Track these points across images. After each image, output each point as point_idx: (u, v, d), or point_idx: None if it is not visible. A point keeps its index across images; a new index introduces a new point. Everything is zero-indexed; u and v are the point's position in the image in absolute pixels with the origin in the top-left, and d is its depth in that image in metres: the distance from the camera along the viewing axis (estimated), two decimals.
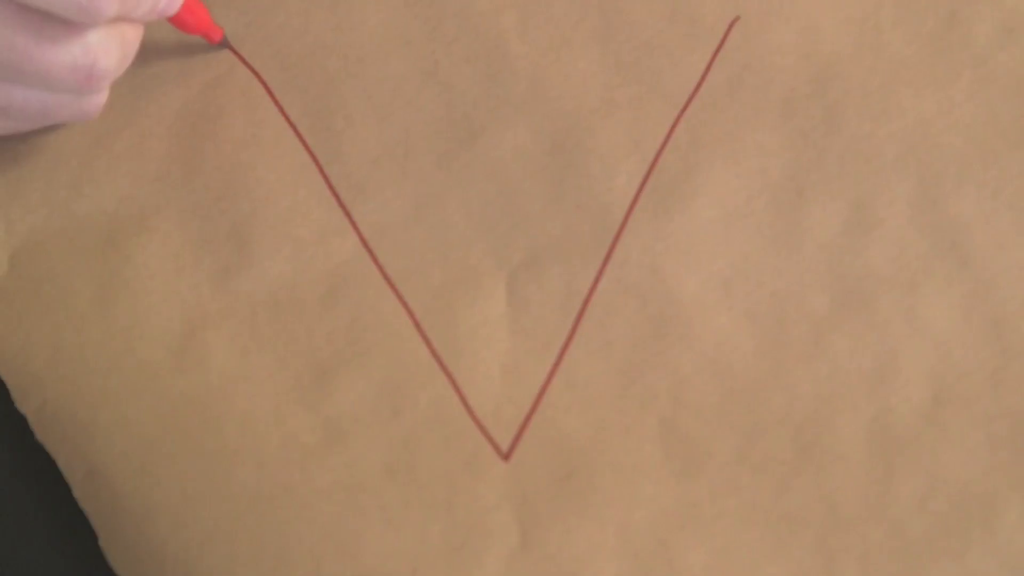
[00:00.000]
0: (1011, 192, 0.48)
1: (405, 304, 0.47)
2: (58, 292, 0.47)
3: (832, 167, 0.48)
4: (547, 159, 0.49)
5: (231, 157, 0.49)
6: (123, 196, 0.49)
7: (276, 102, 0.50)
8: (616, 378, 0.46)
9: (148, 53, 0.50)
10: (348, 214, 0.48)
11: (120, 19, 0.44)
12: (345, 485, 0.44)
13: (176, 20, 0.48)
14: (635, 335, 0.46)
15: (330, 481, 0.44)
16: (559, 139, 0.49)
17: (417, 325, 0.47)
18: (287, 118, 0.50)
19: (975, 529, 0.43)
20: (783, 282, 0.47)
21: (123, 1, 0.42)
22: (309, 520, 0.44)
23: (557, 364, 0.46)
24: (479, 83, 0.50)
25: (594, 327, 0.46)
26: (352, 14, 0.51)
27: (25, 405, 0.46)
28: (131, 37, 0.45)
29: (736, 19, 0.51)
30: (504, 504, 0.44)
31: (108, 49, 0.44)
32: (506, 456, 0.45)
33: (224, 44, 0.51)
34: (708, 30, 0.51)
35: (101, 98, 0.47)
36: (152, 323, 0.47)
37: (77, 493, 0.45)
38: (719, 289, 0.47)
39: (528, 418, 0.45)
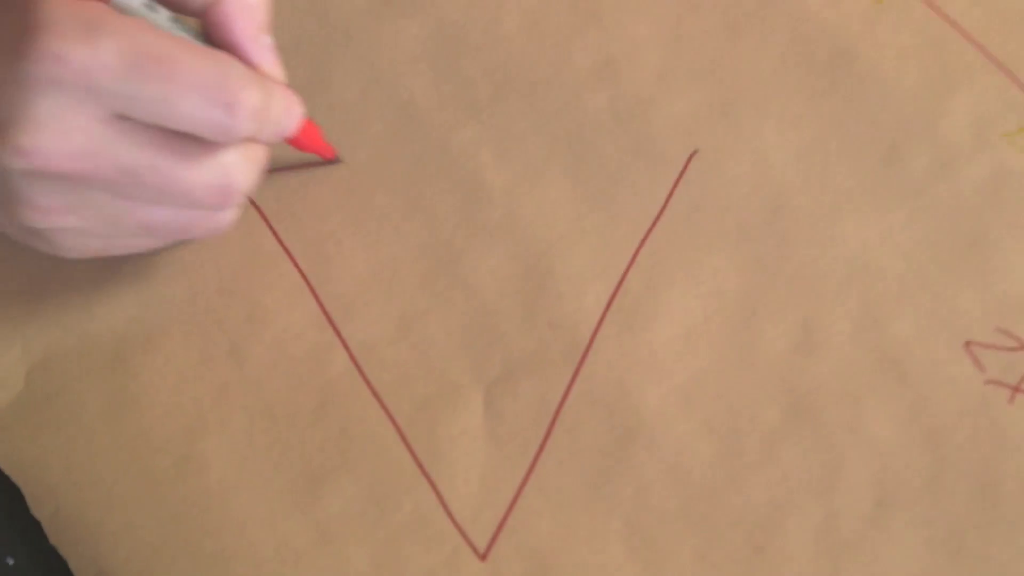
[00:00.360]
0: (945, 313, 0.50)
1: (390, 416, 0.49)
2: (70, 406, 0.49)
3: (783, 289, 0.51)
4: (521, 281, 0.51)
5: (230, 280, 0.51)
6: (130, 317, 0.51)
7: (272, 230, 0.52)
8: (584, 484, 0.48)
9: None
10: (338, 333, 0.51)
11: (248, 139, 0.45)
12: None
13: (293, 140, 0.49)
14: (602, 444, 0.49)
15: None
16: (532, 263, 0.51)
17: (401, 435, 0.49)
18: (283, 245, 0.52)
19: None
20: (738, 395, 0.49)
21: (255, 120, 0.43)
22: None
23: (530, 471, 0.48)
24: (458, 212, 0.52)
25: (564, 437, 0.49)
26: (341, 152, 0.53)
27: (40, 511, 0.48)
28: (259, 155, 0.47)
29: (694, 153, 0.53)
30: None
31: (242, 167, 0.45)
32: (483, 557, 0.47)
33: (337, 160, 0.53)
34: (669, 163, 0.53)
35: (234, 213, 0.48)
36: (156, 434, 0.49)
37: None
38: (679, 402, 0.49)
39: (503, 521, 0.48)
